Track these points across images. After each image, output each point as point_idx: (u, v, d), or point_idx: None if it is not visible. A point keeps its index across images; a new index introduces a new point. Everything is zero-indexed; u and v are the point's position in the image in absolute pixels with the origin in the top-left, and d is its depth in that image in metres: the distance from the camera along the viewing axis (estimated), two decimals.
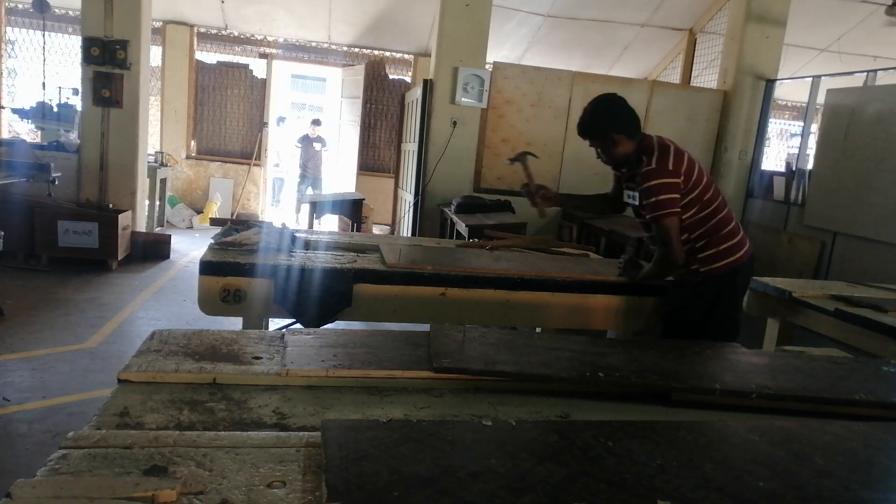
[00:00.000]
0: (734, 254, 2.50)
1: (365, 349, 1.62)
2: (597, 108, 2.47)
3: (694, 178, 2.42)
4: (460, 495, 0.96)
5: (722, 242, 2.49)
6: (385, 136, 9.56)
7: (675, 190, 2.39)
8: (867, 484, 1.13)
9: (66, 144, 6.19)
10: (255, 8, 8.40)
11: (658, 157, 2.40)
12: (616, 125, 2.45)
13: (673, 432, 1.25)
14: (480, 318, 2.75)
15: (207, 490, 0.96)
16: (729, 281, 2.51)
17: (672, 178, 2.39)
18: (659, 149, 2.43)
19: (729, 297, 2.53)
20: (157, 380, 1.40)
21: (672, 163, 2.40)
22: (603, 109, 2.47)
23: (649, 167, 2.40)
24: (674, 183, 2.39)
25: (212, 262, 2.54)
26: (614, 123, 2.45)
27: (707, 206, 2.46)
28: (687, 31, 8.40)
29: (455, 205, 5.48)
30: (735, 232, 2.52)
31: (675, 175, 2.39)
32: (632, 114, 2.49)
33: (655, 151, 2.42)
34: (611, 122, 2.45)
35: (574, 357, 1.63)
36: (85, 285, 5.18)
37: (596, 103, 2.49)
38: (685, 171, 2.41)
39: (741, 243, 2.53)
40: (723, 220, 2.50)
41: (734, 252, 2.50)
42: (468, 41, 6.11)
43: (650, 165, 2.40)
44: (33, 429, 2.85)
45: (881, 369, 1.81)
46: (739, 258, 2.51)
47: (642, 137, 2.49)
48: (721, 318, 2.51)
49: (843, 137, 5.41)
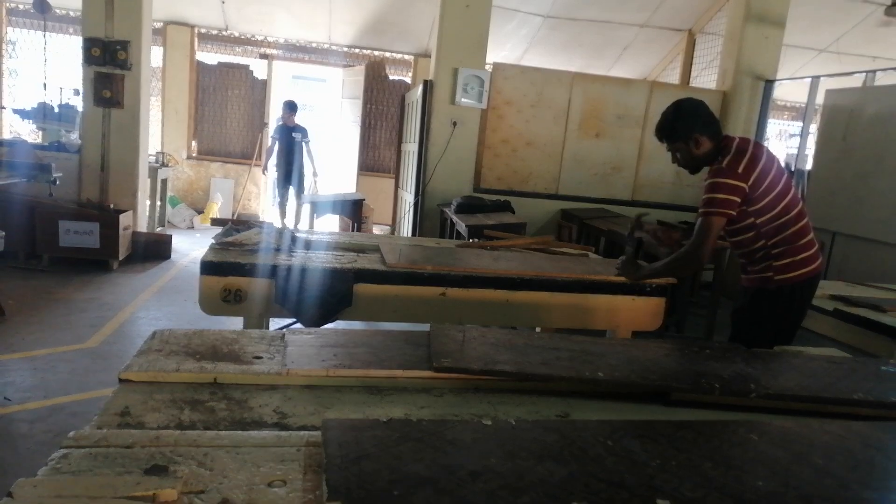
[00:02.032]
0: (810, 265, 2.44)
1: (365, 349, 1.63)
2: (682, 109, 2.45)
3: (766, 184, 2.36)
4: (460, 494, 0.96)
5: (799, 252, 2.42)
6: (385, 137, 9.57)
7: (736, 193, 2.32)
8: (866, 483, 1.14)
9: (67, 145, 6.20)
10: (255, 8, 8.41)
11: (731, 158, 2.36)
12: (700, 126, 2.42)
13: (672, 432, 1.25)
14: (480, 318, 2.75)
15: (208, 489, 0.97)
16: (803, 292, 2.46)
17: (738, 181, 2.32)
18: (735, 151, 2.38)
19: (800, 308, 2.48)
20: (158, 379, 1.40)
21: (743, 167, 2.33)
22: (689, 110, 2.45)
23: (718, 165, 2.37)
24: (738, 186, 2.32)
25: (213, 262, 2.55)
26: (698, 124, 2.42)
27: (785, 214, 2.39)
28: (686, 31, 8.40)
29: (455, 205, 5.49)
30: (812, 244, 2.46)
31: (743, 179, 2.32)
32: (714, 117, 2.48)
33: (731, 153, 2.38)
34: (695, 123, 2.42)
35: (574, 357, 1.64)
36: (86, 285, 5.19)
37: (680, 104, 2.47)
38: (756, 177, 2.34)
39: (816, 255, 2.47)
40: (801, 230, 2.43)
41: (810, 263, 2.44)
42: (468, 42, 6.11)
43: (720, 164, 2.37)
44: (34, 428, 2.86)
45: (880, 369, 1.81)
46: (814, 269, 2.46)
47: (723, 138, 2.45)
48: (791, 326, 2.47)
49: (842, 138, 5.41)
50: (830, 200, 5.44)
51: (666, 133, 2.47)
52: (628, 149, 6.64)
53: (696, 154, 2.44)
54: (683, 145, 2.44)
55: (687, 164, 2.50)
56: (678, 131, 2.44)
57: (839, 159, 5.42)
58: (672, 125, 2.45)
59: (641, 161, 6.69)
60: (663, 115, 2.48)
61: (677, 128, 2.44)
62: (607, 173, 6.64)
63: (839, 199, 5.33)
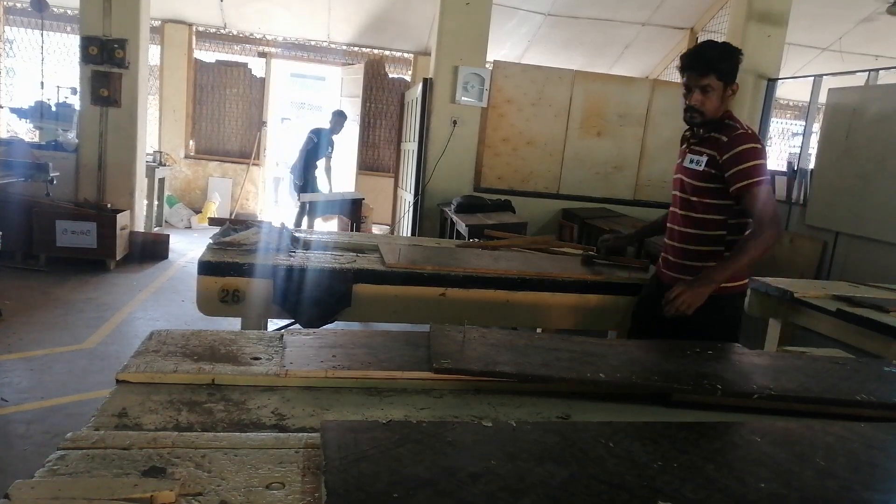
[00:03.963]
0: (746, 276, 2.27)
1: (364, 350, 1.62)
2: (731, 48, 2.18)
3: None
4: (460, 497, 0.95)
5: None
6: (385, 136, 9.55)
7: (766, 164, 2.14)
8: (869, 485, 1.13)
9: (64, 144, 6.18)
10: (253, 6, 8.39)
11: (754, 131, 2.20)
12: (735, 74, 2.17)
13: (674, 433, 1.24)
14: (480, 318, 2.74)
15: (206, 491, 0.96)
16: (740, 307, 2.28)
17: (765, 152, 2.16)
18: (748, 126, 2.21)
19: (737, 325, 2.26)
20: (156, 380, 1.39)
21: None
22: (736, 52, 2.18)
23: (744, 131, 2.15)
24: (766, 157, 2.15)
25: (210, 262, 2.54)
26: (736, 71, 2.17)
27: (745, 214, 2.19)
28: (688, 30, 8.39)
29: (455, 204, 5.48)
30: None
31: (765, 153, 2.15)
32: None
33: (747, 125, 2.21)
34: (736, 68, 2.17)
35: (575, 357, 1.63)
36: (83, 285, 5.17)
37: (727, 44, 2.22)
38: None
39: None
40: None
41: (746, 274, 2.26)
42: (468, 40, 6.10)
43: (744, 130, 2.16)
44: (31, 429, 2.85)
45: (883, 370, 1.80)
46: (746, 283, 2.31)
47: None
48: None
49: (844, 137, 5.40)
50: (833, 200, 5.43)
51: (713, 65, 2.14)
52: (630, 148, 6.63)
53: (723, 102, 2.18)
54: (720, 85, 2.15)
55: (704, 109, 2.17)
56: (725, 69, 2.15)
57: (842, 158, 5.41)
58: (721, 58, 2.15)
59: (643, 160, 6.67)
60: (710, 46, 2.20)
61: (725, 66, 2.15)
62: (609, 172, 6.63)
63: (842, 199, 5.32)
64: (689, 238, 2.28)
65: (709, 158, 2.21)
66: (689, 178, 2.27)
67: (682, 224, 2.30)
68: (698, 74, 2.14)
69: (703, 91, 2.16)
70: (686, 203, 2.28)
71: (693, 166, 2.25)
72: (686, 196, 2.28)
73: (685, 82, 2.19)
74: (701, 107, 2.18)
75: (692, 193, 2.25)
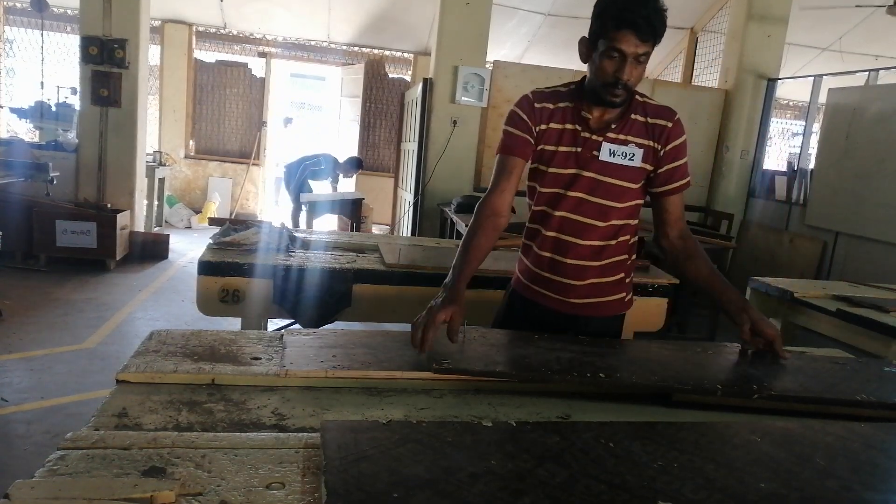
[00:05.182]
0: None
1: (364, 349, 1.62)
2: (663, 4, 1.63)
3: None
4: (460, 497, 0.95)
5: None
6: (384, 136, 9.55)
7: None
8: (869, 485, 1.13)
9: (64, 144, 6.18)
10: (253, 6, 8.40)
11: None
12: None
13: (674, 433, 1.24)
14: (480, 318, 2.74)
15: (206, 491, 0.96)
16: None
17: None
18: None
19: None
20: (156, 380, 1.39)
21: None
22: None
23: (676, 115, 1.75)
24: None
25: (210, 262, 2.54)
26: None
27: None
28: (688, 29, 8.39)
29: (455, 204, 5.48)
30: None
31: None
32: None
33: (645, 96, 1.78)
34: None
35: (574, 358, 1.62)
36: (83, 285, 5.17)
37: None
38: None
39: None
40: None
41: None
42: (468, 40, 6.10)
43: (674, 113, 1.75)
44: (31, 429, 2.85)
45: (883, 370, 1.80)
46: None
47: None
48: None
49: (844, 137, 5.40)
50: (833, 200, 5.43)
51: (662, 29, 1.62)
52: None
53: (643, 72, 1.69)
54: (649, 53, 1.65)
55: (632, 85, 1.67)
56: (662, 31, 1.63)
57: (842, 158, 5.41)
58: (663, 21, 1.62)
59: None
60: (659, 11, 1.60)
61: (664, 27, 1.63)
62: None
63: (842, 199, 5.33)
64: (605, 252, 1.82)
65: (645, 151, 1.74)
66: (614, 179, 1.75)
67: (596, 236, 1.80)
68: (641, 39, 1.59)
69: (637, 61, 1.63)
70: (601, 210, 1.78)
71: (622, 161, 1.73)
72: (603, 201, 1.77)
73: (615, 45, 1.60)
74: (633, 84, 1.67)
75: (617, 197, 1.77)
